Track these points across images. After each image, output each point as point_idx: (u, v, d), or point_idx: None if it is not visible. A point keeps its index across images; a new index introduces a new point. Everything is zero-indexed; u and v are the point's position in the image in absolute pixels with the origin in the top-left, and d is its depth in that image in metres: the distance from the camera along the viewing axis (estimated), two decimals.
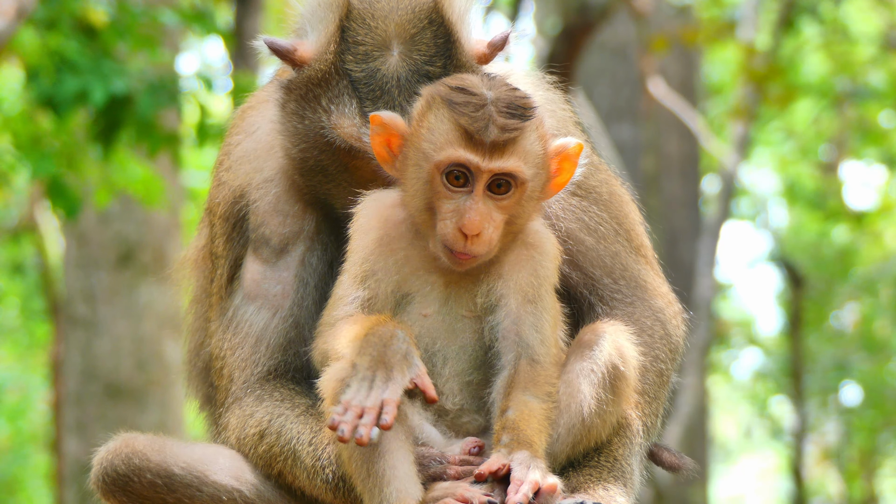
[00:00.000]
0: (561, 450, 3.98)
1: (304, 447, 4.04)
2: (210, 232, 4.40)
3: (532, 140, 3.90)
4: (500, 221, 3.89)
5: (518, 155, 3.87)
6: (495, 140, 3.84)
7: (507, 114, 3.86)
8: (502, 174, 3.86)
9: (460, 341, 3.97)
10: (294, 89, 4.10)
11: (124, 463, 4.19)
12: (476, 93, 3.89)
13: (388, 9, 4.09)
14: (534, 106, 3.92)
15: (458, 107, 3.86)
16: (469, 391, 3.98)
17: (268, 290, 4.23)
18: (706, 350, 14.26)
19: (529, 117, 3.89)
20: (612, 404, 4.01)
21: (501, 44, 4.14)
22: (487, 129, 3.84)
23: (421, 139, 3.91)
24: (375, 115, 3.95)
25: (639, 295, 4.35)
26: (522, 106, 3.90)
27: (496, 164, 3.85)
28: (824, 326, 24.06)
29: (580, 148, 4.00)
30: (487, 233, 3.87)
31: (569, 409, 3.96)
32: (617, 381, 3.98)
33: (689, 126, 14.85)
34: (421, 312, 3.96)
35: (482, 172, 3.86)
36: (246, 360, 4.22)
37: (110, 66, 9.49)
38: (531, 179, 3.91)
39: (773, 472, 29.90)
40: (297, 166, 4.16)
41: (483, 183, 3.86)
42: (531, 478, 3.78)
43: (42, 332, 21.78)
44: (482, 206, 3.86)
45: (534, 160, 3.91)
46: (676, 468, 4.47)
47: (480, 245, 3.86)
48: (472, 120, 3.85)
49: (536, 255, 4.02)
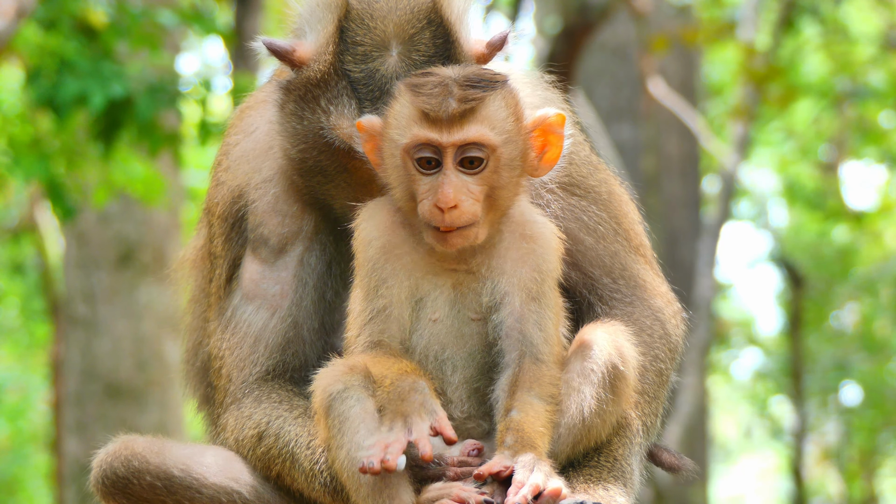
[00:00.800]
0: (561, 450, 3.97)
1: (302, 450, 4.04)
2: (209, 232, 4.40)
3: (497, 107, 3.90)
4: (478, 193, 3.88)
5: (481, 122, 3.87)
6: (453, 112, 3.84)
7: (467, 85, 3.87)
8: (468, 144, 3.86)
9: (468, 347, 3.97)
10: (293, 90, 4.10)
11: (124, 465, 4.19)
12: (436, 73, 3.91)
13: (386, 9, 4.08)
14: (501, 80, 3.93)
15: (417, 88, 3.88)
16: (476, 398, 3.98)
17: (266, 290, 4.23)
18: (706, 350, 14.26)
19: (492, 88, 3.89)
20: (611, 404, 4.00)
21: (500, 44, 4.14)
22: (444, 103, 3.85)
23: (389, 128, 3.92)
24: (359, 121, 3.97)
25: (638, 294, 4.35)
26: (486, 78, 3.90)
27: (457, 135, 3.85)
28: (824, 326, 24.06)
29: (562, 118, 3.99)
30: (465, 204, 3.86)
31: (569, 410, 3.96)
32: (616, 380, 3.98)
33: (689, 126, 14.85)
34: (430, 318, 3.96)
35: (446, 147, 3.86)
36: (244, 360, 4.22)
37: (110, 67, 9.50)
38: (502, 146, 3.89)
39: (773, 472, 29.91)
40: (296, 167, 4.16)
41: (450, 157, 3.86)
42: (533, 480, 3.77)
43: (42, 332, 21.78)
44: (454, 178, 3.86)
45: (502, 127, 3.90)
46: (676, 469, 4.47)
47: (460, 216, 3.85)
48: (429, 97, 3.86)
49: (538, 249, 4.01)
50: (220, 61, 21.47)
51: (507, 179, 3.93)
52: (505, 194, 3.94)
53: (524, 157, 3.96)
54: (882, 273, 22.82)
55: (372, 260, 3.99)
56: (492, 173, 3.89)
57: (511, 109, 3.93)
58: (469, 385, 3.97)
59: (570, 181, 4.31)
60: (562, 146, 4.01)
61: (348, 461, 3.83)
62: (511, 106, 3.93)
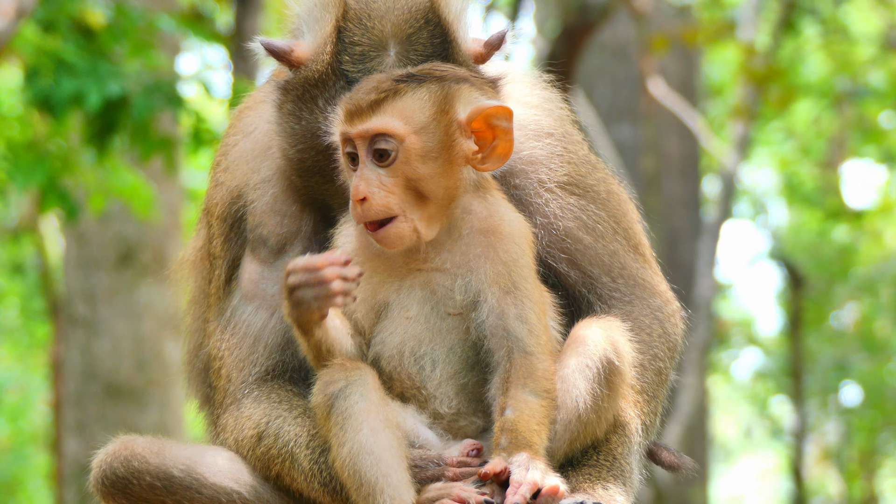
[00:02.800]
0: (558, 447, 3.96)
1: (302, 449, 4.03)
2: (208, 232, 4.40)
3: (414, 99, 3.90)
4: (391, 185, 3.88)
5: (388, 114, 3.87)
6: (361, 104, 3.87)
7: (396, 79, 3.89)
8: (376, 135, 3.87)
9: (448, 342, 3.96)
10: (291, 90, 4.10)
11: (123, 466, 4.19)
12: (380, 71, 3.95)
13: (384, 9, 4.08)
14: (439, 75, 3.93)
15: (357, 84, 3.94)
16: (465, 394, 3.96)
17: (265, 291, 4.23)
18: (706, 350, 14.26)
19: (419, 81, 3.90)
20: (607, 399, 3.98)
21: (498, 43, 4.13)
22: (359, 95, 3.88)
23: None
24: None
25: (637, 293, 4.35)
26: (422, 73, 3.92)
27: (361, 126, 3.87)
28: (824, 326, 24.07)
29: (504, 111, 3.96)
30: (376, 197, 3.86)
31: (564, 406, 3.94)
32: (612, 375, 3.96)
33: (689, 126, 14.86)
34: (404, 315, 3.95)
35: (355, 138, 3.88)
36: (244, 361, 4.22)
37: (107, 67, 9.49)
38: (411, 136, 3.88)
39: (773, 472, 29.91)
40: (295, 167, 4.16)
41: (363, 150, 3.89)
42: (529, 478, 3.77)
43: (42, 332, 21.78)
44: (367, 171, 3.87)
45: (415, 118, 3.89)
46: (676, 468, 4.47)
47: (370, 208, 3.86)
48: (354, 91, 3.90)
49: (498, 242, 3.99)
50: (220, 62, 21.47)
51: (426, 171, 3.91)
52: (431, 186, 3.92)
53: (446, 150, 3.92)
54: (882, 273, 22.82)
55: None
56: (404, 164, 3.89)
57: (435, 101, 3.91)
58: (455, 381, 3.96)
59: (569, 180, 4.31)
60: (511, 140, 3.97)
61: (350, 459, 3.83)
62: (437, 98, 3.91)
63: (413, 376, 3.96)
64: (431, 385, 3.96)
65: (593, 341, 3.97)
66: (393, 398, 3.95)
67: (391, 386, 3.97)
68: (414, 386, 3.96)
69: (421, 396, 3.96)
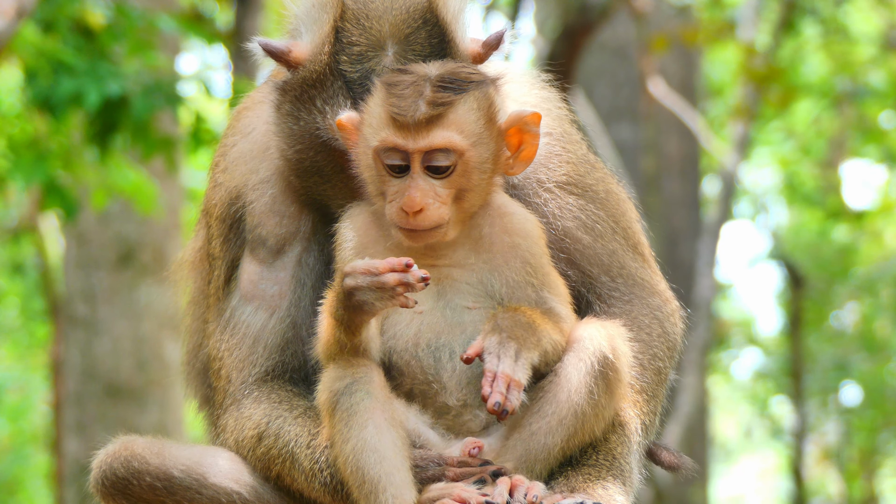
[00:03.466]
0: (554, 443, 3.95)
1: (302, 449, 4.03)
2: (207, 233, 4.40)
3: (468, 111, 3.90)
4: (446, 196, 3.89)
5: (448, 128, 3.87)
6: (419, 118, 3.85)
7: (439, 87, 3.88)
8: (435, 150, 3.87)
9: (467, 334, 3.96)
10: (289, 90, 4.10)
11: (123, 466, 4.19)
12: (412, 71, 3.92)
13: (382, 9, 4.08)
14: (477, 79, 3.93)
15: (390, 88, 3.89)
16: (474, 386, 3.97)
17: (265, 291, 4.23)
18: (706, 350, 14.26)
19: (465, 89, 3.90)
20: (604, 396, 3.97)
21: (496, 43, 4.13)
22: (412, 107, 3.86)
23: (363, 126, 3.94)
24: (339, 119, 3.99)
25: (636, 293, 4.35)
26: (460, 78, 3.91)
27: (423, 142, 3.86)
28: (824, 326, 24.07)
29: (537, 116, 4.00)
30: (432, 208, 3.87)
31: (558, 400, 3.94)
32: (608, 371, 3.96)
33: (689, 126, 14.86)
34: (414, 311, 3.95)
35: (412, 152, 3.87)
36: (243, 361, 4.22)
37: (106, 67, 9.50)
38: (470, 150, 3.90)
39: (773, 472, 29.91)
40: (293, 167, 4.16)
41: (417, 162, 3.88)
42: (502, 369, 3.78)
43: (42, 332, 21.78)
44: (422, 182, 3.87)
45: (472, 130, 3.90)
46: (676, 468, 4.46)
47: (426, 219, 3.88)
48: (399, 99, 3.87)
49: (521, 242, 4.03)
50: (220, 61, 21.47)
51: (476, 181, 3.94)
52: (475, 195, 3.96)
53: (496, 158, 3.97)
54: (882, 273, 22.82)
55: (345, 262, 4.00)
56: (460, 177, 3.91)
57: (483, 111, 3.93)
58: (469, 371, 3.96)
59: (568, 180, 4.31)
60: (537, 144, 4.02)
61: (353, 456, 3.83)
62: (484, 107, 3.93)
63: (427, 368, 3.96)
64: (445, 375, 3.96)
65: (590, 339, 3.97)
66: (398, 396, 3.96)
67: (400, 382, 3.98)
68: (426, 379, 3.97)
69: (431, 390, 3.96)
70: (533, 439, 3.93)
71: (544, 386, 3.95)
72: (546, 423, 3.93)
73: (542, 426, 3.93)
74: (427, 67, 3.93)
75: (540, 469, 3.96)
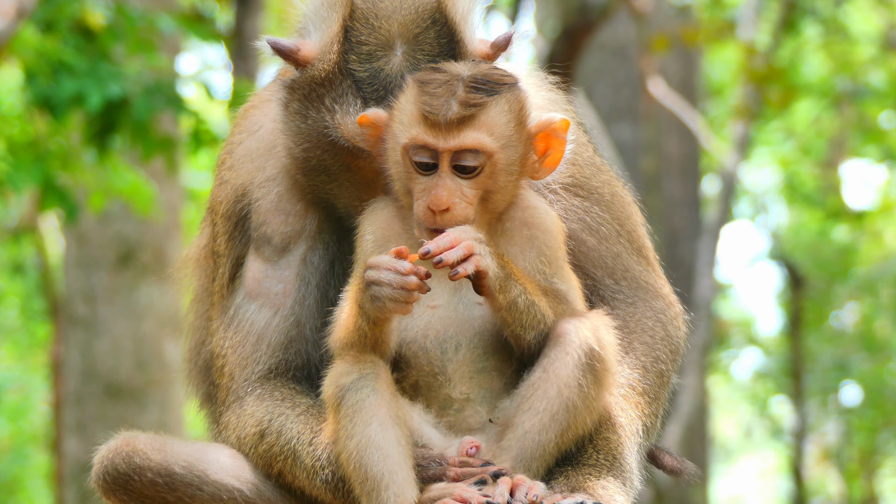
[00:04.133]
0: (548, 439, 3.94)
1: (304, 447, 4.04)
2: (212, 231, 4.41)
3: (499, 113, 3.91)
4: (472, 196, 3.91)
5: (479, 129, 3.89)
6: (451, 118, 3.86)
7: (472, 88, 3.89)
8: (464, 150, 3.88)
9: (476, 328, 3.97)
10: (297, 89, 4.11)
11: (125, 462, 4.20)
12: (445, 70, 3.93)
13: (391, 8, 4.09)
14: (508, 82, 3.94)
15: (423, 86, 3.90)
16: (479, 379, 3.98)
17: (269, 289, 4.23)
18: (706, 350, 14.26)
19: (497, 91, 3.91)
20: (593, 387, 3.95)
21: (505, 44, 4.15)
22: (444, 106, 3.87)
23: (393, 122, 3.95)
24: (363, 115, 3.99)
25: (640, 296, 4.36)
26: (493, 80, 3.93)
27: (454, 141, 3.87)
28: (824, 326, 24.07)
29: (566, 123, 4.02)
30: (459, 208, 3.89)
31: (548, 396, 3.93)
32: (595, 363, 3.95)
33: (689, 126, 14.85)
34: (428, 304, 3.96)
35: (442, 152, 3.88)
36: (247, 359, 4.23)
37: (107, 68, 9.50)
38: (499, 152, 3.91)
39: (773, 472, 29.92)
40: (300, 166, 4.17)
41: (446, 161, 3.89)
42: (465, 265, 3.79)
43: (42, 332, 21.78)
44: (449, 182, 3.89)
45: (502, 133, 3.92)
46: (677, 472, 4.47)
47: (452, 219, 3.89)
48: (431, 97, 3.88)
49: (539, 235, 4.05)
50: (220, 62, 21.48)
51: (503, 183, 3.96)
52: (501, 196, 3.98)
53: (523, 161, 3.99)
54: (882, 273, 22.82)
55: (365, 253, 4.02)
56: (487, 178, 3.93)
57: (514, 114, 3.95)
58: (474, 364, 3.98)
59: (574, 182, 4.32)
60: (564, 150, 4.04)
61: (357, 452, 3.83)
62: (515, 110, 3.95)
63: (433, 360, 3.97)
64: (451, 367, 3.97)
65: (575, 332, 3.96)
66: (404, 388, 3.97)
67: (406, 374, 3.99)
68: (432, 371, 3.98)
69: (436, 382, 3.97)
70: (527, 437, 3.93)
71: (534, 383, 3.94)
72: (539, 420, 3.92)
73: (534, 424, 3.92)
74: (460, 67, 3.95)
75: (537, 467, 3.95)
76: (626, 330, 4.27)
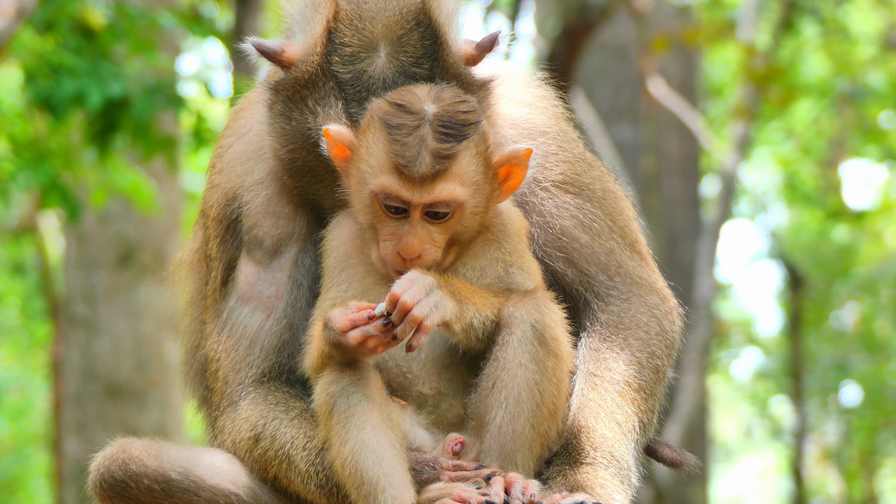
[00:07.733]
0: (522, 426, 3.92)
1: (299, 451, 4.04)
2: (204, 234, 4.41)
3: (469, 160, 3.93)
4: (441, 240, 3.95)
5: (452, 181, 3.91)
6: (425, 173, 3.87)
7: (441, 134, 3.88)
8: (437, 202, 3.90)
9: (437, 329, 3.95)
10: (281, 90, 4.10)
11: (121, 469, 4.20)
12: (413, 111, 3.91)
13: (375, 10, 4.08)
14: (474, 121, 3.94)
15: (392, 130, 3.89)
16: (446, 375, 4.00)
17: (261, 292, 4.23)
18: (706, 350, 14.26)
19: (465, 135, 3.91)
20: (548, 358, 3.95)
21: (490, 45, 4.13)
22: (417, 159, 3.87)
23: (360, 160, 3.96)
24: (326, 128, 3.98)
25: (634, 291, 4.35)
26: (461, 122, 3.92)
27: (428, 196, 3.89)
28: (824, 326, 24.06)
29: (528, 153, 4.01)
30: (428, 252, 3.93)
31: (506, 383, 3.92)
32: (542, 331, 3.95)
33: (689, 126, 14.85)
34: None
35: (414, 205, 3.90)
36: (240, 363, 4.22)
37: (107, 68, 9.50)
38: (470, 198, 3.94)
39: (773, 472, 29.91)
40: (286, 167, 4.16)
41: (418, 212, 3.91)
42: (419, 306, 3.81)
43: (42, 332, 21.78)
44: (420, 230, 3.92)
45: (472, 179, 3.94)
46: (678, 464, 4.45)
47: (421, 263, 3.93)
48: (402, 147, 3.87)
49: (502, 237, 4.07)
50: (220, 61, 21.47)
51: (470, 223, 3.99)
52: (468, 234, 4.01)
53: (489, 200, 4.01)
54: (882, 273, 22.81)
55: (330, 268, 4.06)
56: (456, 222, 3.96)
57: (481, 156, 3.96)
58: (440, 361, 4.00)
59: (564, 179, 4.31)
60: (524, 176, 4.04)
61: (352, 457, 3.84)
62: (481, 151, 3.96)
63: (399, 361, 3.99)
64: (416, 366, 4.00)
65: (515, 308, 3.97)
66: None
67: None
68: (400, 371, 3.99)
69: (406, 381, 3.99)
70: (502, 432, 3.92)
71: (490, 374, 3.95)
72: (506, 411, 3.91)
73: (504, 416, 3.91)
74: (424, 101, 3.93)
75: (523, 459, 3.94)
76: (621, 326, 4.27)
